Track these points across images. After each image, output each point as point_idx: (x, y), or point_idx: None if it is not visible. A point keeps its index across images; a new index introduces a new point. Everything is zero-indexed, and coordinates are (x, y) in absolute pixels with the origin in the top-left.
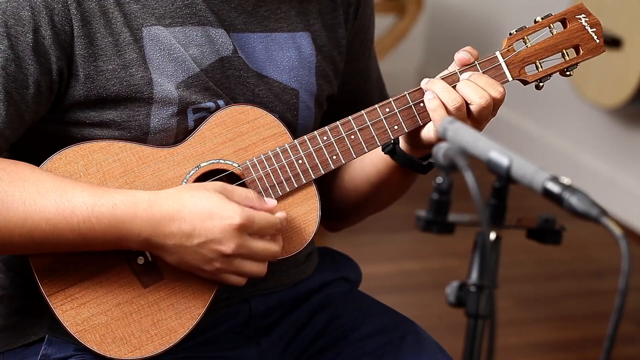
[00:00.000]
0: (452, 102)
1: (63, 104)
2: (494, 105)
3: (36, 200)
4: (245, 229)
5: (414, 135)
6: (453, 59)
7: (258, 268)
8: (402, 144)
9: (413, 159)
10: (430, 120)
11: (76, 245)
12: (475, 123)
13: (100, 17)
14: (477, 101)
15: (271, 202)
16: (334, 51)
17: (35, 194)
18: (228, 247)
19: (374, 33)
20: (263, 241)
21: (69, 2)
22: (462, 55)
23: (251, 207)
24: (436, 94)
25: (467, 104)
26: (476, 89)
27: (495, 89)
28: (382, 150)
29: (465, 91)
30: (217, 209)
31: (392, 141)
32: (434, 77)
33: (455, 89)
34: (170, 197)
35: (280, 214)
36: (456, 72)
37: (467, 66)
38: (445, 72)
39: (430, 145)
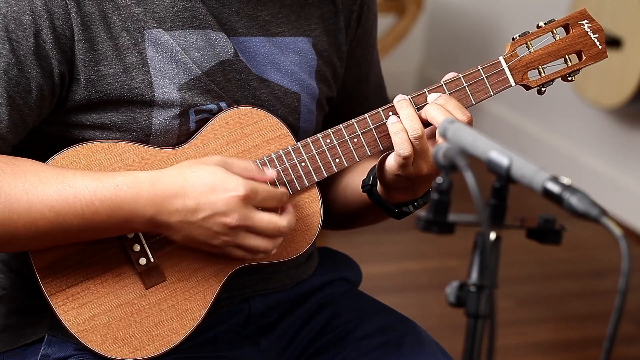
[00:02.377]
0: (412, 131)
1: (65, 106)
2: None
3: (38, 189)
4: (249, 200)
5: (381, 169)
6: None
7: (263, 243)
8: (379, 187)
9: (386, 204)
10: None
11: (82, 232)
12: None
13: (101, 21)
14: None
15: (270, 172)
16: (334, 56)
17: (37, 183)
18: (233, 219)
19: (376, 38)
20: (268, 214)
21: (69, 7)
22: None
23: (252, 178)
24: (400, 117)
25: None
26: (444, 113)
27: (463, 113)
28: (362, 187)
29: (434, 113)
30: (220, 182)
31: (369, 182)
32: (434, 78)
33: (423, 110)
34: (171, 175)
35: (282, 189)
36: (425, 92)
37: (471, 71)
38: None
39: (402, 187)
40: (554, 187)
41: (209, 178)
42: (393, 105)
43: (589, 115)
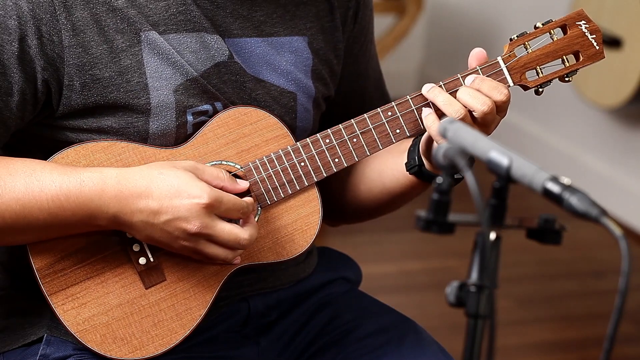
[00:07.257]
0: (455, 114)
1: (62, 111)
2: (499, 107)
3: (6, 181)
4: (212, 209)
5: (429, 147)
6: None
7: (223, 252)
8: (426, 162)
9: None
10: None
11: (48, 226)
12: (483, 127)
13: (93, 25)
14: (479, 108)
15: (243, 183)
16: (331, 54)
17: (5, 175)
18: (193, 226)
19: (373, 33)
20: (230, 225)
21: (57, 13)
22: (478, 51)
23: (222, 187)
24: (438, 106)
25: (471, 112)
26: (477, 96)
27: (499, 92)
28: (407, 170)
29: (466, 99)
30: (186, 187)
31: (416, 162)
32: (434, 78)
33: (456, 97)
34: (139, 174)
35: (248, 199)
36: (458, 77)
37: (470, 71)
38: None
39: None
40: (554, 187)
41: (176, 182)
42: (393, 106)
43: (589, 115)
